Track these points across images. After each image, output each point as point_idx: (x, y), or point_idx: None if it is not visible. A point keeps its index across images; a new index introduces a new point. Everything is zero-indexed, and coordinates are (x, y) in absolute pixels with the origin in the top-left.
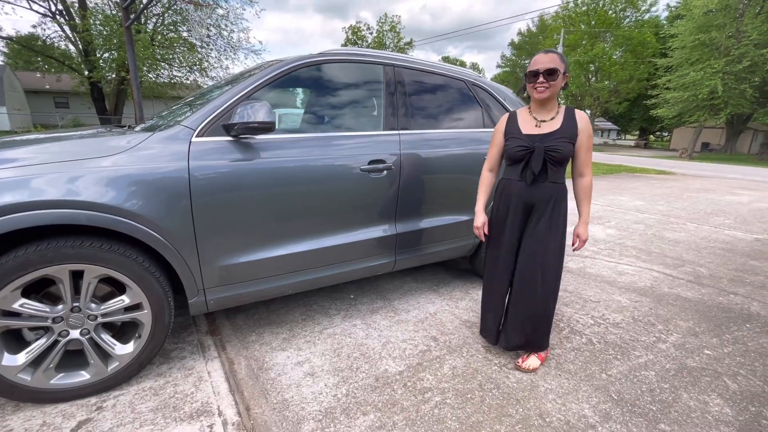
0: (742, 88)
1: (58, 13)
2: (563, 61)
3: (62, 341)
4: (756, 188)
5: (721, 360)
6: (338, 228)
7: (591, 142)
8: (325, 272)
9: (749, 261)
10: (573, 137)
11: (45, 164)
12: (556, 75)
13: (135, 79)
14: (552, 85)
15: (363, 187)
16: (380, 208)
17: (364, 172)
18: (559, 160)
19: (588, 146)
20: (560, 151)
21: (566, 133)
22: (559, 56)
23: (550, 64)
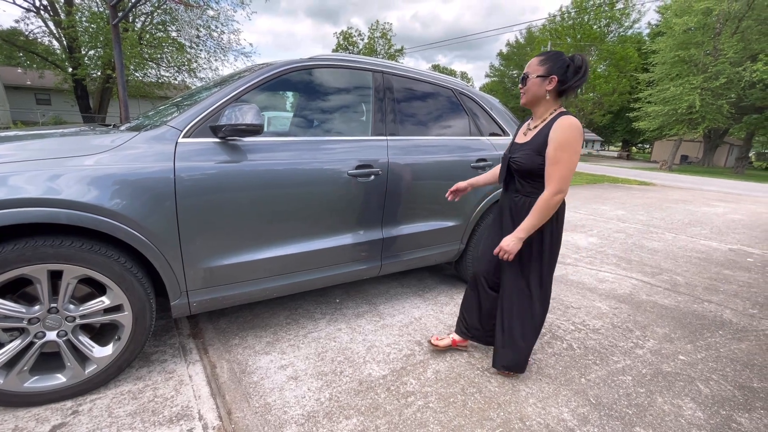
0: (719, 103)
1: (42, 9)
2: (544, 62)
3: (38, 343)
4: (731, 200)
5: (695, 365)
6: (324, 231)
7: (562, 154)
8: (311, 275)
9: (723, 270)
10: (541, 148)
11: (26, 161)
12: (526, 81)
13: (121, 77)
14: (524, 90)
15: (350, 192)
16: (367, 213)
17: (352, 176)
18: (523, 173)
19: (554, 158)
20: (519, 162)
21: (534, 144)
22: (539, 58)
23: (526, 68)
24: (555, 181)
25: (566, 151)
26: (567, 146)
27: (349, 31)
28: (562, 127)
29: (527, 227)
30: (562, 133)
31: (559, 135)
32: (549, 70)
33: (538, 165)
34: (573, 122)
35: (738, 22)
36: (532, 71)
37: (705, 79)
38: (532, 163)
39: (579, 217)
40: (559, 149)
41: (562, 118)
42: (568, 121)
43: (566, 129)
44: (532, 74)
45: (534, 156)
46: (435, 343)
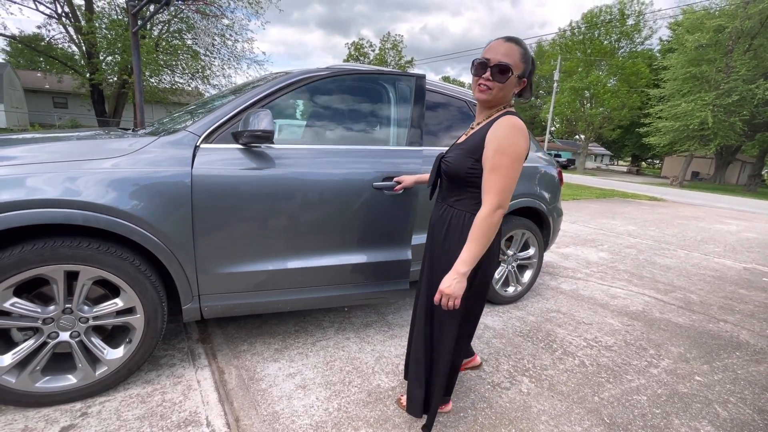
0: (732, 120)
1: (63, 15)
2: (525, 60)
3: (51, 343)
4: (744, 218)
5: (712, 387)
6: (344, 246)
7: (502, 159)
8: (328, 293)
9: (738, 289)
10: (473, 149)
11: (44, 163)
12: (508, 75)
13: (139, 83)
14: (498, 86)
15: (369, 202)
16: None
17: (374, 187)
18: (449, 176)
19: (493, 164)
20: (448, 163)
21: (467, 143)
22: (521, 51)
23: (505, 58)
24: (494, 193)
25: (507, 155)
26: (508, 149)
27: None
28: (503, 126)
29: (468, 258)
30: (503, 132)
31: (498, 134)
32: (524, 72)
33: (467, 169)
34: (516, 122)
35: (751, 40)
36: (515, 65)
37: (717, 95)
38: (461, 165)
39: (589, 231)
40: (499, 152)
41: (504, 117)
42: (510, 120)
43: (507, 128)
44: (515, 69)
45: (465, 157)
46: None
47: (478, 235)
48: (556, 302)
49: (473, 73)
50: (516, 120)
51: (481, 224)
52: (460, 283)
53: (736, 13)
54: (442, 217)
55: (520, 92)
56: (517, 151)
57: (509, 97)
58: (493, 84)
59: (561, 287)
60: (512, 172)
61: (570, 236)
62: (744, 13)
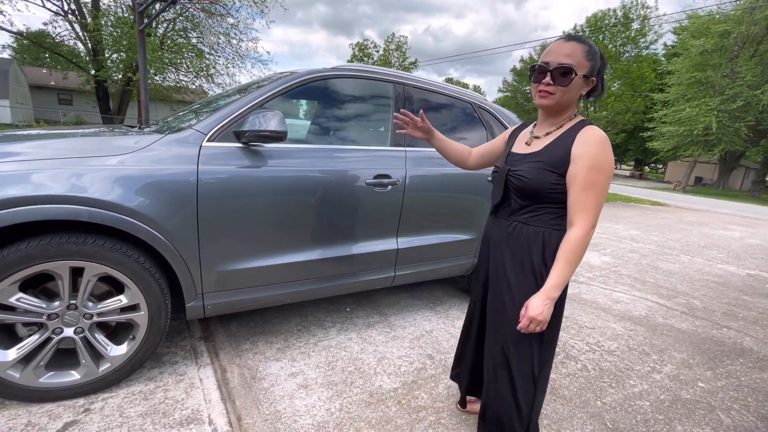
0: (737, 126)
1: (70, 12)
2: (591, 57)
3: (55, 339)
4: (748, 224)
5: (715, 393)
6: (342, 239)
7: (598, 177)
8: (325, 283)
9: (742, 296)
10: (558, 163)
11: (50, 159)
12: (571, 77)
13: (144, 81)
14: (561, 90)
15: (367, 201)
16: (383, 223)
17: (370, 185)
18: (524, 191)
19: (585, 182)
20: (523, 178)
21: (547, 156)
22: (585, 48)
23: (566, 59)
24: (590, 213)
25: (603, 173)
26: (604, 167)
27: (364, 42)
28: (594, 141)
29: (559, 282)
30: (597, 149)
31: (593, 151)
32: (592, 70)
33: (550, 184)
34: (604, 136)
35: (756, 46)
36: (579, 66)
37: (722, 101)
38: (542, 180)
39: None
40: (594, 170)
41: (590, 128)
42: (599, 134)
43: (599, 144)
44: (579, 70)
45: (546, 172)
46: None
47: (572, 257)
48: None
49: (533, 80)
50: (603, 134)
51: (576, 246)
52: (551, 308)
53: (742, 18)
54: (514, 235)
55: (588, 93)
56: (611, 168)
57: (575, 100)
58: (555, 89)
59: None
60: (606, 190)
61: None
62: (750, 19)
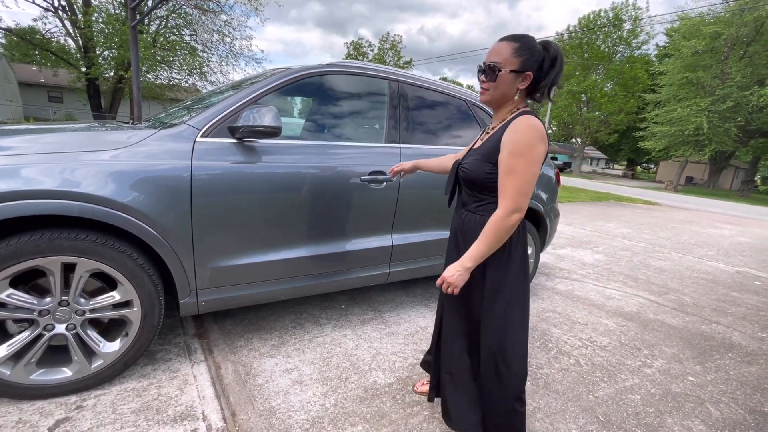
0: (727, 126)
1: (60, 9)
2: (520, 54)
3: (46, 335)
4: (737, 223)
5: (704, 387)
6: (336, 236)
7: (517, 161)
8: (320, 280)
9: (731, 292)
10: (490, 153)
11: (41, 154)
12: (496, 73)
13: (136, 78)
14: (492, 86)
15: (362, 197)
16: (378, 219)
17: (365, 182)
18: (468, 182)
19: (508, 167)
20: (466, 170)
21: (484, 148)
22: (513, 45)
23: (493, 57)
24: (509, 197)
25: (522, 158)
26: (523, 151)
27: (359, 41)
28: (519, 127)
29: (475, 255)
30: (518, 134)
31: (513, 137)
32: (524, 65)
33: (486, 174)
34: (532, 122)
35: (746, 47)
36: (505, 63)
37: (712, 101)
38: (480, 171)
39: (584, 233)
40: (514, 155)
41: (520, 117)
42: (526, 121)
43: (523, 130)
44: (505, 67)
45: (482, 163)
46: (419, 390)
47: (489, 235)
48: (552, 302)
49: (478, 79)
50: (532, 120)
51: (493, 226)
52: (462, 276)
53: (732, 20)
54: (465, 223)
55: (533, 91)
56: (533, 154)
57: (511, 95)
58: (487, 84)
59: (556, 288)
60: (528, 175)
61: (566, 238)
62: (740, 21)
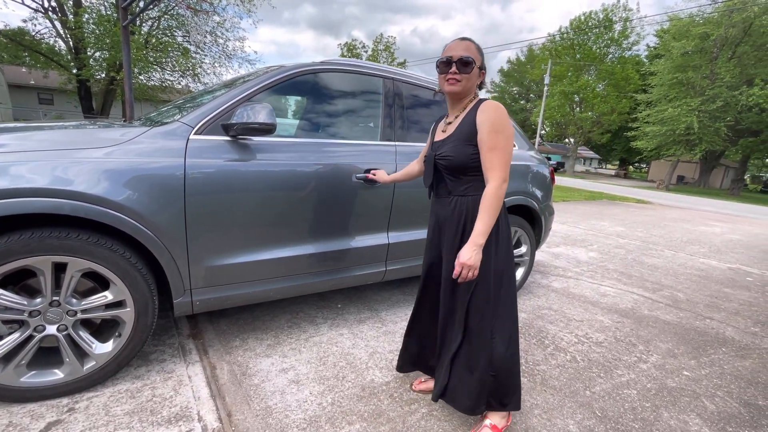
0: (717, 126)
1: (50, 9)
2: (480, 53)
3: (37, 336)
4: (728, 221)
5: (699, 381)
6: (331, 234)
7: (498, 137)
8: (315, 278)
9: (723, 288)
10: (471, 136)
11: (32, 151)
12: (471, 67)
13: (128, 78)
14: (466, 77)
15: (357, 195)
16: (374, 217)
17: (359, 180)
18: (452, 169)
19: (491, 144)
20: (448, 157)
21: (459, 133)
22: (476, 46)
23: (465, 52)
24: (498, 168)
25: (502, 133)
26: (501, 128)
27: (353, 43)
28: (490, 108)
29: (482, 230)
30: (493, 114)
31: (490, 116)
32: (482, 63)
33: (470, 155)
34: (499, 104)
35: (734, 48)
36: (476, 58)
37: (702, 101)
38: (463, 154)
39: (579, 232)
40: (494, 132)
41: (486, 102)
42: (493, 103)
43: (495, 110)
44: (476, 63)
45: (463, 146)
46: (417, 388)
47: (490, 207)
48: (548, 300)
49: (439, 71)
50: (497, 103)
51: (492, 197)
52: (479, 254)
53: (721, 21)
54: (457, 209)
55: (479, 83)
56: (508, 129)
57: (474, 87)
58: (461, 76)
59: (552, 285)
60: (509, 147)
61: (560, 236)
62: (728, 21)
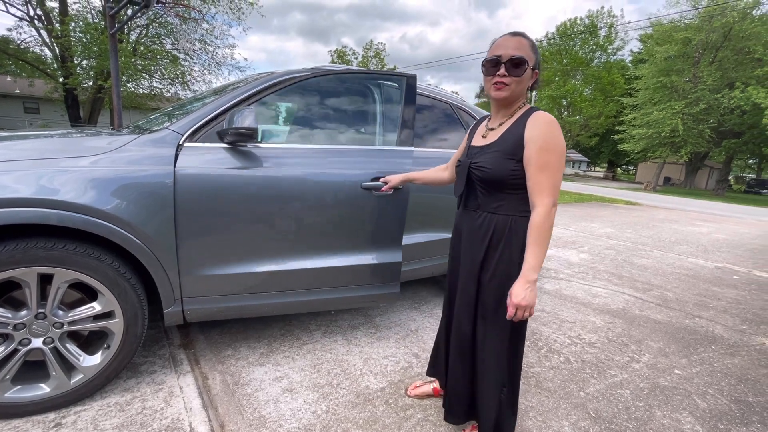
0: (701, 128)
1: (36, 18)
2: (534, 51)
3: (22, 350)
4: (713, 220)
5: (691, 380)
6: (333, 248)
7: (550, 157)
8: (317, 296)
9: (711, 287)
10: (514, 150)
11: (17, 161)
12: (523, 68)
13: (116, 86)
14: (516, 81)
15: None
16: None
17: (365, 189)
18: (487, 182)
19: (539, 163)
20: (485, 169)
21: (502, 145)
22: (530, 43)
23: (517, 51)
24: (548, 191)
25: (554, 153)
26: (554, 147)
27: (343, 49)
28: (543, 123)
29: (535, 264)
30: (545, 129)
31: (541, 132)
32: (537, 62)
33: (510, 171)
34: (552, 118)
35: (715, 52)
36: (528, 58)
37: (686, 104)
38: (503, 169)
39: (569, 234)
40: (545, 151)
41: (538, 113)
42: (547, 117)
43: (549, 125)
44: (530, 63)
45: (504, 160)
46: (412, 393)
47: (540, 237)
48: (540, 302)
49: (485, 72)
50: (552, 117)
51: (541, 226)
52: (533, 291)
53: (702, 26)
54: (483, 225)
55: (531, 85)
56: (561, 147)
57: (525, 91)
58: (510, 79)
59: (544, 287)
60: (560, 168)
61: (551, 238)
62: (709, 27)
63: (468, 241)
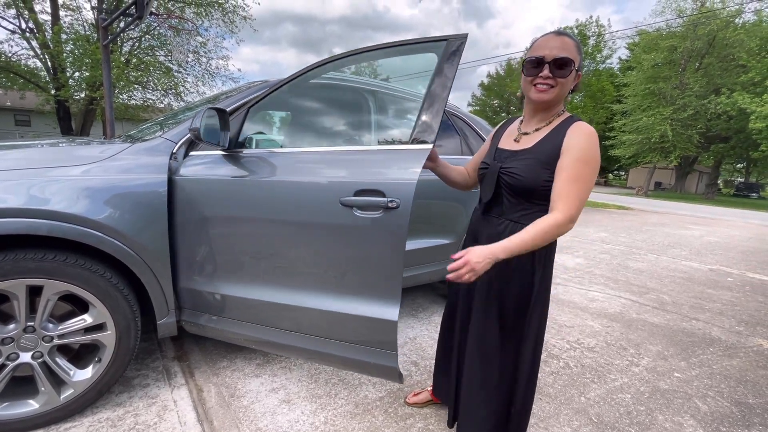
0: (689, 133)
1: (27, 30)
2: (579, 52)
3: (10, 366)
4: (705, 223)
5: (690, 382)
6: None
7: (585, 169)
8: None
9: (706, 289)
10: (549, 158)
11: (7, 171)
12: (569, 69)
13: (109, 96)
14: (561, 83)
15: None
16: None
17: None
18: (517, 189)
19: (574, 174)
20: (516, 176)
21: (538, 152)
22: (575, 43)
23: (562, 51)
24: (573, 204)
25: (590, 167)
26: (591, 160)
27: None
28: (586, 134)
29: (513, 247)
30: (585, 142)
31: (581, 143)
32: (580, 63)
33: (544, 181)
34: (593, 131)
35: (701, 59)
36: (575, 59)
37: (674, 110)
38: (536, 178)
39: (564, 239)
40: (583, 162)
41: (579, 123)
42: (590, 128)
43: (591, 137)
44: (575, 63)
45: (540, 169)
46: (411, 401)
47: (539, 234)
48: None
49: (526, 73)
50: (593, 129)
51: (549, 227)
52: (487, 266)
53: (687, 34)
54: (505, 233)
55: (573, 88)
56: (598, 162)
57: (566, 94)
58: (555, 81)
59: None
60: (592, 183)
61: None
62: (693, 35)
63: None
